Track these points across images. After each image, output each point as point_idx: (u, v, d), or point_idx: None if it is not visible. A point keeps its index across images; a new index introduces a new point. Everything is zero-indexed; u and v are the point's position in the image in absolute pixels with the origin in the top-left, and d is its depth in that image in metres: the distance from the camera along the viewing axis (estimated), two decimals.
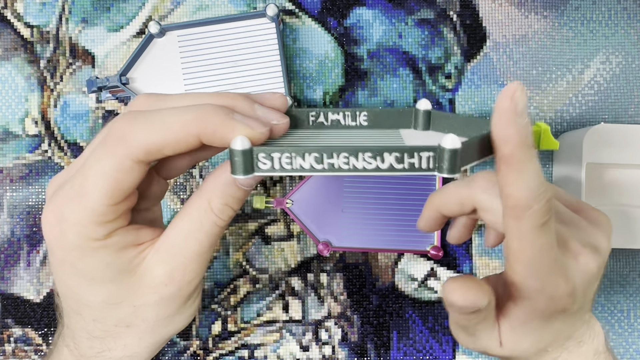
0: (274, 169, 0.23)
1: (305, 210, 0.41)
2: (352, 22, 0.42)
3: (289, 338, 0.42)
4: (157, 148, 0.23)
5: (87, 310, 0.26)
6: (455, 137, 0.22)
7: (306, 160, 0.23)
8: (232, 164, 0.23)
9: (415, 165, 0.22)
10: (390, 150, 0.22)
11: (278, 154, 0.23)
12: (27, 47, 0.41)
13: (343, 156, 0.23)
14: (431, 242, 0.41)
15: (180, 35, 0.39)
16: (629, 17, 0.43)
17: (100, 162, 0.24)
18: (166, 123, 0.23)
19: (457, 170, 0.22)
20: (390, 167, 0.23)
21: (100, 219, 0.24)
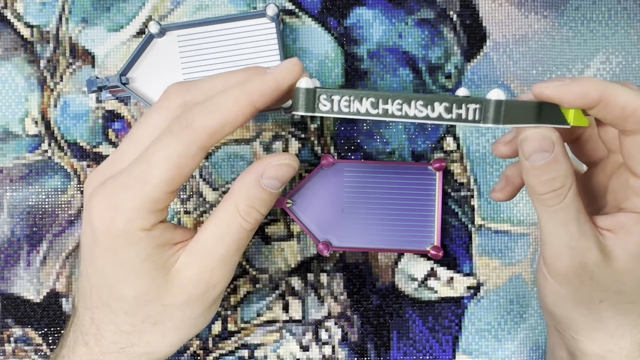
0: (333, 110, 0.25)
1: (305, 210, 0.41)
2: (352, 22, 0.42)
3: (289, 338, 0.42)
4: (219, 129, 0.25)
5: (119, 303, 0.27)
6: (500, 91, 0.24)
7: (363, 104, 0.25)
8: (294, 102, 0.25)
9: (462, 115, 0.24)
10: (441, 100, 0.24)
11: (338, 96, 0.25)
12: (27, 47, 0.41)
13: (397, 103, 0.24)
14: (431, 242, 0.41)
15: (180, 35, 0.39)
16: (629, 17, 0.43)
17: (165, 148, 0.25)
18: (221, 105, 0.25)
19: (501, 120, 0.24)
20: (439, 116, 0.24)
21: (155, 206, 0.25)
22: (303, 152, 0.42)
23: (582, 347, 0.30)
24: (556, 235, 0.27)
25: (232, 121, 0.25)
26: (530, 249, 0.42)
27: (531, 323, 0.42)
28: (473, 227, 0.42)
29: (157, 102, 0.28)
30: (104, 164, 0.28)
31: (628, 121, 0.25)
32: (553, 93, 0.25)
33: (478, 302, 0.42)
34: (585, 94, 0.25)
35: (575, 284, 0.28)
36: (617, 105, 0.25)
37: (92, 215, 0.26)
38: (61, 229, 0.41)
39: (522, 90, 0.42)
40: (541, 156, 0.26)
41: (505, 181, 0.32)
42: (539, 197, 0.27)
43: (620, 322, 0.29)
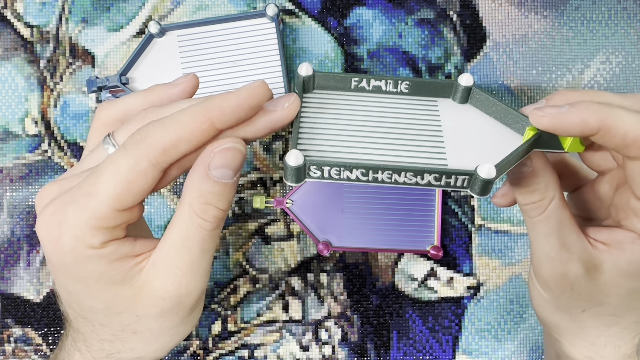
0: (324, 177, 0.25)
1: (305, 210, 0.41)
2: (352, 22, 0.42)
3: (289, 338, 0.42)
4: (173, 144, 0.23)
5: (93, 315, 0.26)
6: (492, 167, 0.24)
7: (353, 173, 0.25)
8: (285, 174, 0.25)
9: (450, 183, 0.25)
10: (430, 171, 0.25)
11: (328, 167, 0.25)
12: (27, 47, 0.41)
13: (387, 173, 0.25)
14: (431, 242, 0.41)
15: (180, 35, 0.39)
16: (629, 17, 0.43)
17: (115, 162, 0.23)
18: (177, 120, 0.24)
19: (488, 193, 0.24)
20: (428, 183, 0.25)
21: (101, 223, 0.23)
22: None
23: (564, 349, 0.30)
24: (537, 244, 0.28)
25: (187, 137, 0.23)
26: (530, 249, 0.42)
27: (531, 323, 0.42)
28: (473, 227, 0.42)
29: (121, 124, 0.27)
30: (55, 180, 0.27)
31: (629, 149, 0.24)
32: (551, 124, 0.25)
33: (478, 302, 0.42)
34: (584, 124, 0.24)
35: (556, 292, 0.28)
36: (617, 134, 0.24)
37: (40, 233, 0.24)
38: None
39: (521, 90, 0.42)
40: (519, 171, 0.26)
41: (507, 187, 0.32)
42: (521, 207, 0.27)
43: (602, 332, 0.29)
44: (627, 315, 0.28)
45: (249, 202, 0.42)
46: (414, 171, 0.24)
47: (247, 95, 0.25)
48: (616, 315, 0.28)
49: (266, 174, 0.42)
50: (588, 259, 0.27)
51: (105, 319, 0.26)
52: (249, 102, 0.25)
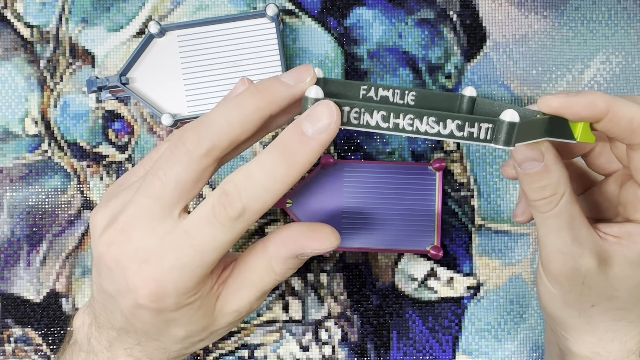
0: (342, 122, 0.24)
1: (305, 210, 0.41)
2: (352, 22, 0.42)
3: (288, 338, 0.42)
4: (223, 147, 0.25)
5: (169, 340, 0.28)
6: (514, 112, 0.23)
7: (374, 117, 0.24)
8: (303, 111, 0.25)
9: (474, 134, 0.24)
10: (453, 117, 0.23)
11: (348, 107, 0.24)
12: (27, 47, 0.41)
13: (409, 117, 0.24)
14: (431, 242, 0.41)
15: (180, 35, 0.39)
16: (629, 17, 0.43)
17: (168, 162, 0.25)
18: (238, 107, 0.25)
19: (512, 143, 0.23)
20: (450, 133, 0.24)
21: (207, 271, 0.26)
22: None
23: (570, 346, 0.30)
24: (548, 239, 0.28)
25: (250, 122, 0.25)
26: (530, 249, 0.42)
27: (531, 323, 0.42)
28: (473, 227, 0.42)
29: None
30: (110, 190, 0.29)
31: (635, 134, 0.25)
32: (560, 105, 0.25)
33: (478, 302, 0.42)
34: (593, 105, 0.25)
35: (566, 287, 0.28)
36: (624, 118, 0.25)
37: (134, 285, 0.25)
38: (61, 229, 0.41)
39: (521, 90, 0.42)
40: (531, 165, 0.26)
41: (524, 204, 0.32)
42: (532, 203, 0.27)
43: (610, 327, 0.29)
44: (635, 309, 0.29)
45: None
46: (436, 116, 0.23)
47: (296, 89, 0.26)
48: (624, 309, 0.28)
49: None
50: (599, 253, 0.27)
51: (182, 341, 0.29)
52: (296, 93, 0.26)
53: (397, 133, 0.24)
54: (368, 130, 0.24)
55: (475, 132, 0.24)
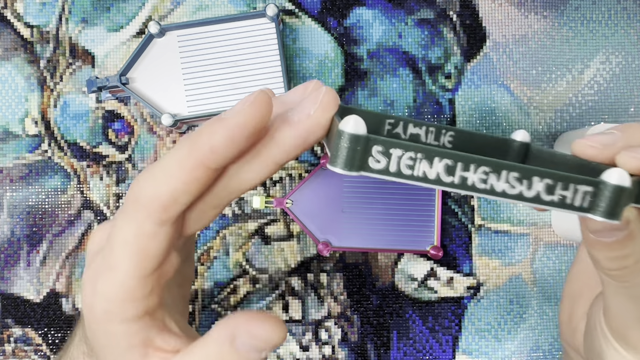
0: (389, 171, 0.18)
1: (305, 210, 0.41)
2: (352, 22, 0.42)
3: (288, 338, 0.42)
4: (170, 199, 0.20)
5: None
6: (623, 172, 0.18)
7: (434, 167, 0.18)
8: (333, 151, 0.18)
9: (566, 199, 0.18)
10: (543, 174, 0.18)
11: (400, 150, 0.18)
12: (27, 47, 0.41)
13: (482, 171, 0.18)
14: (431, 242, 0.41)
15: (180, 35, 0.39)
16: (628, 17, 0.43)
17: (121, 230, 0.21)
18: (165, 170, 0.20)
19: (618, 215, 0.18)
20: (536, 196, 0.18)
21: (130, 294, 0.21)
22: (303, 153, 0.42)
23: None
24: (625, 308, 0.24)
25: (183, 189, 0.19)
26: (530, 249, 0.42)
27: (531, 323, 0.42)
28: (473, 227, 0.42)
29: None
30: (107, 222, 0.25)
31: None
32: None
33: (478, 302, 0.42)
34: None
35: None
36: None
37: (82, 292, 0.23)
38: (61, 229, 0.41)
39: (521, 90, 0.42)
40: (610, 234, 0.22)
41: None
42: (605, 271, 0.23)
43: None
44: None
45: (249, 203, 0.42)
46: (520, 172, 0.18)
47: (238, 122, 0.19)
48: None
49: None
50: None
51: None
52: (243, 130, 0.19)
53: (462, 191, 0.18)
54: (423, 184, 0.18)
55: (569, 196, 0.18)
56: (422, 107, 0.42)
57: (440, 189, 0.19)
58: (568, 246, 0.42)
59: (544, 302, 0.42)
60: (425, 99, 0.42)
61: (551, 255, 0.42)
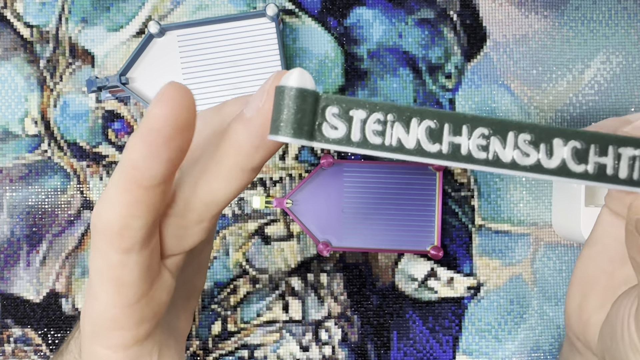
0: (351, 140, 0.14)
1: (305, 210, 0.41)
2: (352, 21, 0.42)
3: (288, 338, 0.42)
4: (121, 224, 0.18)
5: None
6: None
7: (412, 131, 0.13)
8: (274, 115, 0.14)
9: (607, 169, 0.13)
10: (567, 135, 0.13)
11: (364, 111, 0.14)
12: (26, 47, 0.41)
13: (480, 135, 0.13)
14: (431, 242, 0.41)
15: (180, 35, 0.39)
16: (629, 16, 0.42)
17: (93, 260, 0.19)
18: (107, 192, 0.18)
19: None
20: (561, 167, 0.13)
21: (114, 324, 0.20)
22: (303, 152, 0.42)
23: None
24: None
25: (130, 214, 0.17)
26: (530, 249, 0.42)
27: (531, 323, 0.42)
28: (473, 227, 0.42)
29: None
30: None
31: None
32: None
33: (478, 303, 0.42)
34: None
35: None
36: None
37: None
38: (61, 229, 0.41)
39: (521, 90, 0.42)
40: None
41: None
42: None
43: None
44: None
45: (249, 203, 0.42)
46: (534, 133, 0.13)
47: (150, 128, 0.16)
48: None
49: (266, 174, 0.42)
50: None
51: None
52: (157, 136, 0.16)
53: (455, 163, 0.13)
54: (395, 155, 0.14)
55: (609, 164, 0.13)
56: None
57: (424, 161, 0.14)
58: (569, 246, 0.42)
59: (544, 302, 0.42)
60: (426, 99, 0.42)
61: (552, 256, 0.42)
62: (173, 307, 0.25)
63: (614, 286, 0.24)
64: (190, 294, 0.26)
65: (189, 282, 0.25)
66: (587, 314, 0.26)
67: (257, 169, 0.18)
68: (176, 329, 0.24)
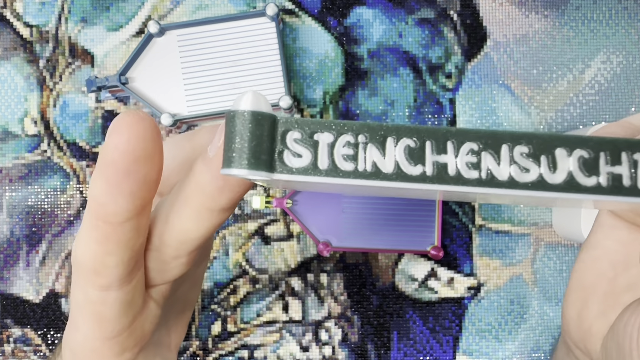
0: (318, 168, 0.12)
1: (305, 210, 0.41)
2: (352, 21, 0.42)
3: (288, 338, 0.42)
4: (96, 262, 0.17)
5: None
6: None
7: (389, 153, 0.12)
8: (227, 145, 0.13)
9: (623, 179, 0.12)
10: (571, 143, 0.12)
11: (330, 134, 0.12)
12: (26, 47, 0.41)
13: (469, 150, 0.12)
14: (431, 242, 0.41)
15: (179, 35, 0.39)
16: (629, 16, 0.42)
17: (73, 293, 0.19)
18: (82, 228, 0.17)
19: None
20: (569, 180, 0.12)
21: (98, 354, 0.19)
22: None
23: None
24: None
25: (103, 251, 0.17)
26: (530, 249, 0.42)
27: (532, 323, 0.42)
28: (473, 227, 0.42)
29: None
30: None
31: None
32: None
33: (478, 303, 0.42)
34: None
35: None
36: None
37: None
38: (60, 229, 0.41)
39: (522, 90, 0.42)
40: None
41: None
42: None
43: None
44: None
45: (249, 203, 0.42)
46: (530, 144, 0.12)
47: (106, 162, 0.15)
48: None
49: None
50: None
51: None
52: (115, 169, 0.15)
53: (444, 187, 0.12)
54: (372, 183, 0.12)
55: (625, 174, 0.12)
56: (423, 106, 0.42)
57: (407, 187, 0.12)
58: (569, 246, 0.42)
59: (544, 303, 0.42)
60: (426, 99, 0.42)
61: (552, 256, 0.42)
62: (164, 325, 0.24)
63: (615, 292, 0.24)
64: (184, 309, 0.26)
65: (182, 299, 0.25)
66: (587, 323, 0.25)
67: (228, 209, 0.17)
68: (165, 346, 0.24)
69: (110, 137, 0.15)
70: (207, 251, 0.25)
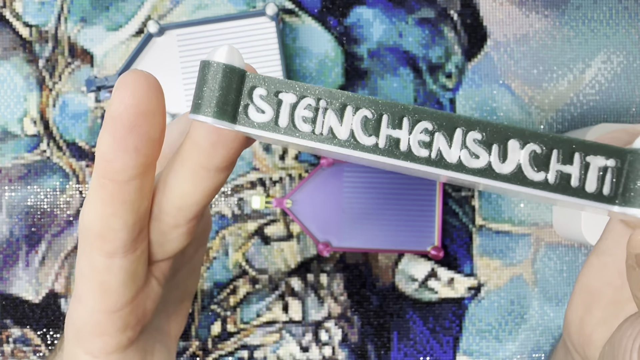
0: (277, 126, 0.13)
1: (305, 210, 0.41)
2: (352, 21, 0.42)
3: (288, 339, 0.41)
4: (102, 225, 0.17)
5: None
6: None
7: (346, 121, 0.12)
8: (197, 92, 0.13)
9: (571, 181, 0.12)
10: (525, 136, 0.12)
11: (294, 95, 0.13)
12: (25, 47, 0.41)
13: (423, 129, 0.12)
14: (432, 242, 0.41)
15: (179, 35, 0.39)
16: (630, 16, 0.42)
17: (79, 263, 0.19)
18: (89, 191, 0.18)
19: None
20: (516, 172, 0.12)
21: (98, 329, 0.19)
22: (303, 153, 0.42)
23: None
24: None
25: (110, 212, 0.17)
26: (531, 249, 0.42)
27: (532, 324, 0.42)
28: (474, 228, 0.42)
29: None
30: None
31: None
32: None
33: (479, 303, 0.42)
34: None
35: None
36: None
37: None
38: (60, 229, 0.41)
39: (522, 90, 0.42)
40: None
41: None
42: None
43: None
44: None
45: (249, 203, 0.42)
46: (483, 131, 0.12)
47: (112, 116, 0.16)
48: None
49: (266, 174, 0.42)
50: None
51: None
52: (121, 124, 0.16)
53: (392, 160, 0.12)
54: (324, 147, 0.13)
55: (575, 175, 0.12)
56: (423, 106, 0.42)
57: (358, 155, 0.12)
58: (569, 247, 0.42)
59: (545, 303, 0.42)
60: (426, 99, 0.42)
61: (552, 256, 0.42)
62: (163, 311, 0.24)
63: (620, 301, 0.23)
64: (183, 297, 0.26)
65: (181, 286, 0.25)
66: (589, 328, 0.25)
67: (223, 169, 0.17)
68: (165, 333, 0.24)
69: (116, 92, 0.16)
70: (204, 236, 0.26)
